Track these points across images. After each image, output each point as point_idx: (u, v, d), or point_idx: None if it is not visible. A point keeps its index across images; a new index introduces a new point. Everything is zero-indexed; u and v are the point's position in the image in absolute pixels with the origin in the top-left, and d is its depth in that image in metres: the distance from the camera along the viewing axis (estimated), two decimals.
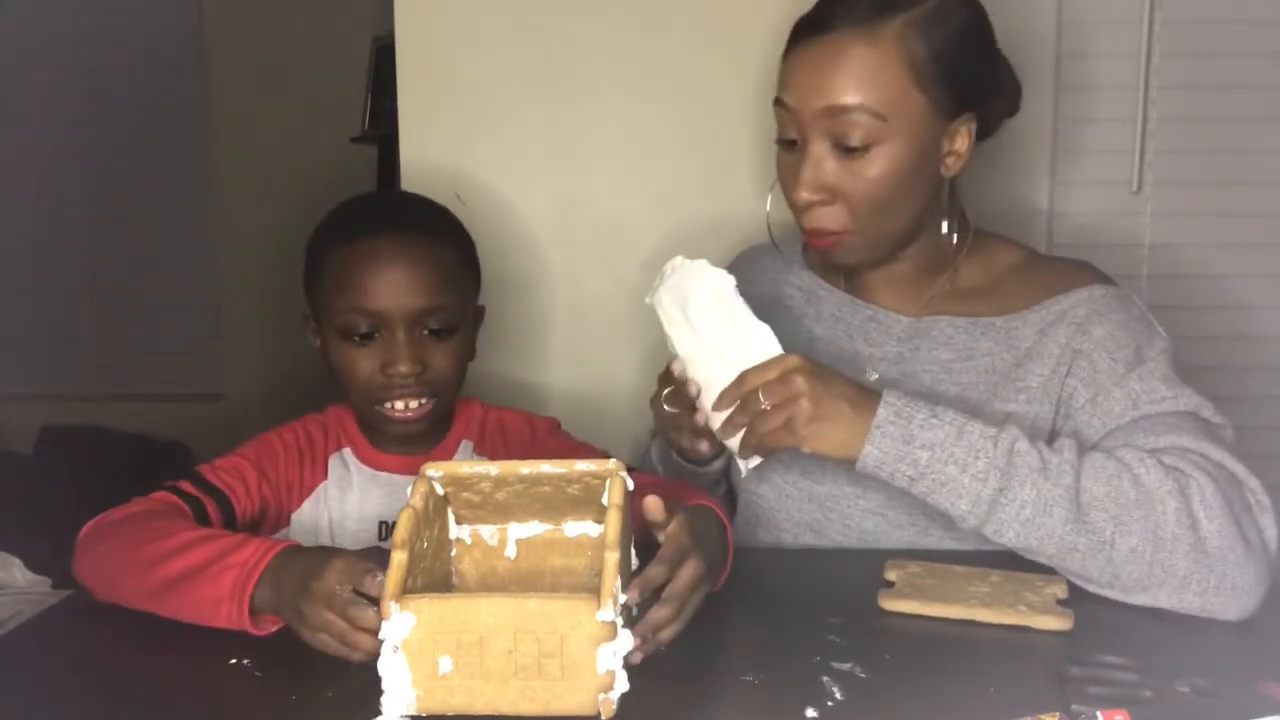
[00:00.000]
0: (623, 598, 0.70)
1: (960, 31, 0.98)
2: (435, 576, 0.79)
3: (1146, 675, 0.72)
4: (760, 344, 0.92)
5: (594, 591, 0.69)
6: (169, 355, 3.01)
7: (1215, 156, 1.53)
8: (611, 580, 0.68)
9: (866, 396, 0.91)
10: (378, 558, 0.77)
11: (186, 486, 1.00)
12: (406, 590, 0.71)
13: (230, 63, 2.84)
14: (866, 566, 0.93)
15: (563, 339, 1.46)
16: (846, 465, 0.92)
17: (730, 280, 0.93)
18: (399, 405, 1.04)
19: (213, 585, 0.83)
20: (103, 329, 3.03)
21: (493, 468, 0.76)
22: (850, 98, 0.95)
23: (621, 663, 0.69)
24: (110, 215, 2.97)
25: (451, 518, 0.83)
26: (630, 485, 0.76)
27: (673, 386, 0.99)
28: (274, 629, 0.83)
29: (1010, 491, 0.87)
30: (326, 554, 0.81)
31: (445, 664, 0.68)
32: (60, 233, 2.97)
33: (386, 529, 1.07)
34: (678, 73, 1.43)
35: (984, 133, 1.04)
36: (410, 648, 0.69)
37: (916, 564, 0.93)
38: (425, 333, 1.03)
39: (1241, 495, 0.88)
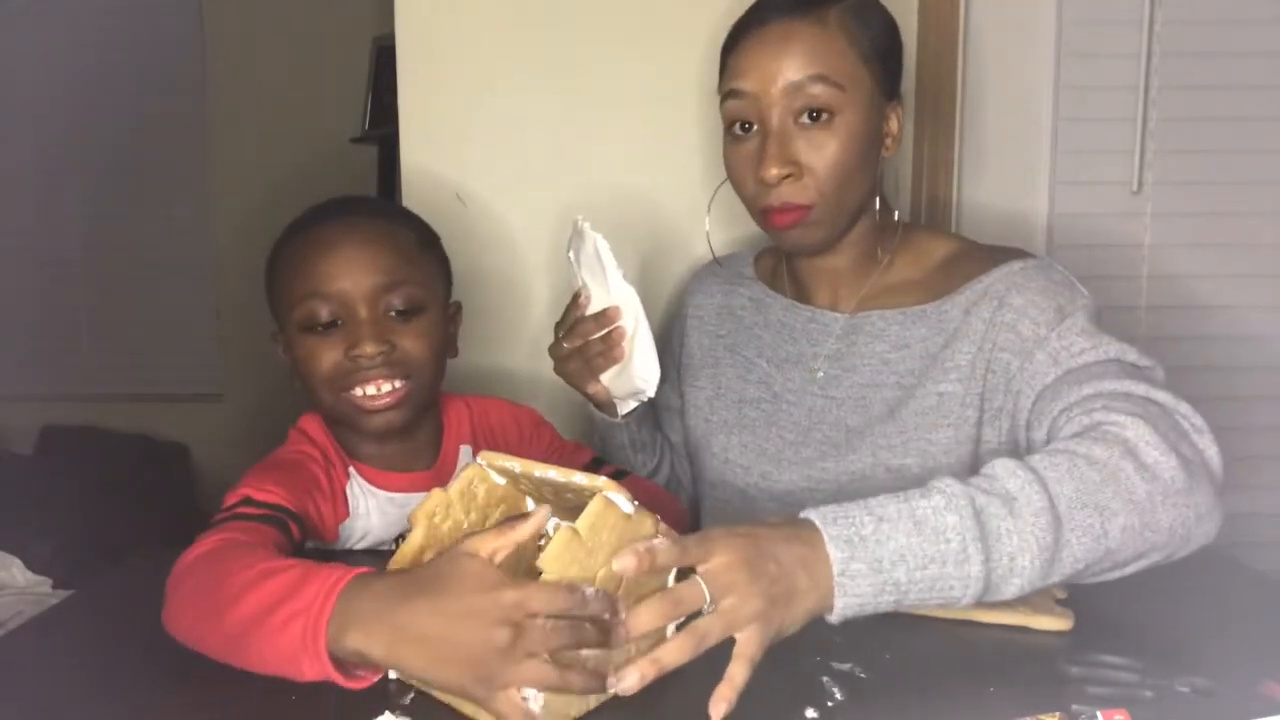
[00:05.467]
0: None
1: (886, 22, 1.08)
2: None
3: (1146, 675, 0.72)
4: (615, 288, 1.08)
5: None
6: (169, 355, 3.01)
7: (1215, 156, 1.53)
8: None
9: (799, 541, 0.73)
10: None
11: (251, 510, 0.90)
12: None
13: (230, 63, 2.84)
14: None
15: None
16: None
17: (604, 242, 1.07)
18: (369, 390, 0.98)
19: (283, 634, 0.70)
20: (103, 329, 3.03)
21: (516, 464, 0.74)
22: (811, 70, 1.02)
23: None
24: (110, 215, 2.97)
25: (533, 508, 0.78)
26: (628, 510, 0.68)
27: (571, 325, 1.11)
28: (376, 678, 0.72)
29: (997, 551, 0.74)
30: (440, 566, 0.67)
31: None
32: (60, 233, 2.98)
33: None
34: (677, 73, 1.43)
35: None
36: None
37: None
38: (391, 314, 0.99)
39: (1175, 423, 0.85)
